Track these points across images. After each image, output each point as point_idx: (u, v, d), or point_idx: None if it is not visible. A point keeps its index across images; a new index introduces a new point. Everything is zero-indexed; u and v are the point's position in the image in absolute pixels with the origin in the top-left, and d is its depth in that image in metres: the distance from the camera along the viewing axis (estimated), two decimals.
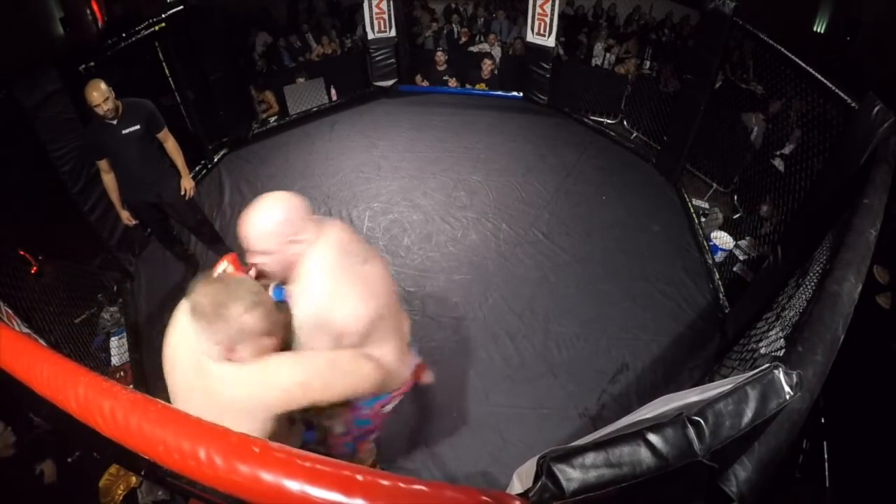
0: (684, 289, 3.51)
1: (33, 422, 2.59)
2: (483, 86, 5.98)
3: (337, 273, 1.38)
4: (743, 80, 5.90)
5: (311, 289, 1.37)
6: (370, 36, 5.56)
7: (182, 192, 3.15)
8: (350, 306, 1.37)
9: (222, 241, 3.59)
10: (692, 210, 4.22)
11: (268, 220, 1.38)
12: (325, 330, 1.36)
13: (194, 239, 3.67)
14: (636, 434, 0.81)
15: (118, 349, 3.14)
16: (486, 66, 5.89)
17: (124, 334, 3.21)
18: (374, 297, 1.43)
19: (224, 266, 1.53)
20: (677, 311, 3.35)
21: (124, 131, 2.83)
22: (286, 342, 1.37)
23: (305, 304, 1.37)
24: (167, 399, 1.23)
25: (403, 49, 5.85)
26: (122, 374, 3.02)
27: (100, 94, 2.68)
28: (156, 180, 3.05)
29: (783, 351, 1.54)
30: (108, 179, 2.95)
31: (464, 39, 6.57)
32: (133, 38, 3.72)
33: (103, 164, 2.90)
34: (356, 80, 5.85)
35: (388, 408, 1.76)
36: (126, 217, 3.10)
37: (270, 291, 1.54)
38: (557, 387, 2.85)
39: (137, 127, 2.87)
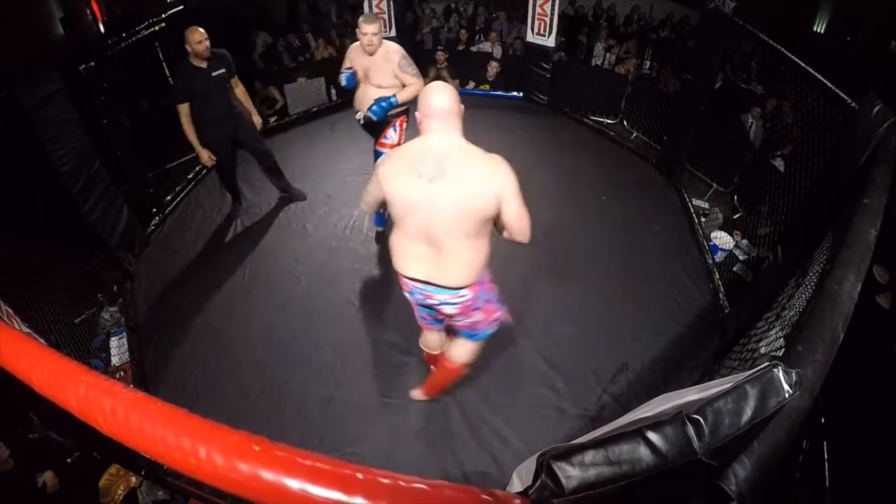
0: (684, 289, 3.51)
1: (29, 428, 2.60)
2: (486, 86, 5.99)
3: (403, 149, 1.85)
4: (743, 80, 5.91)
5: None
6: None
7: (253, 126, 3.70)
8: (387, 163, 1.84)
9: (282, 173, 4.08)
10: (692, 210, 4.22)
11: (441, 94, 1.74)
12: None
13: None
14: (636, 432, 0.81)
15: (118, 349, 3.14)
16: (492, 67, 5.91)
17: (124, 334, 3.21)
18: (398, 188, 1.77)
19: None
20: (677, 311, 3.35)
21: (213, 74, 3.32)
22: None
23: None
24: (167, 397, 1.23)
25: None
26: (122, 374, 3.02)
27: (201, 35, 3.22)
28: (234, 116, 3.53)
29: (783, 350, 1.54)
30: (188, 122, 3.35)
31: (463, 41, 6.57)
32: (133, 38, 3.72)
33: (185, 108, 3.31)
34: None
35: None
36: (207, 156, 3.51)
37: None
38: (557, 387, 2.85)
39: (223, 70, 3.38)
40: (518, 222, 1.81)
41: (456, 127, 1.76)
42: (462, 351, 2.24)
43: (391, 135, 3.17)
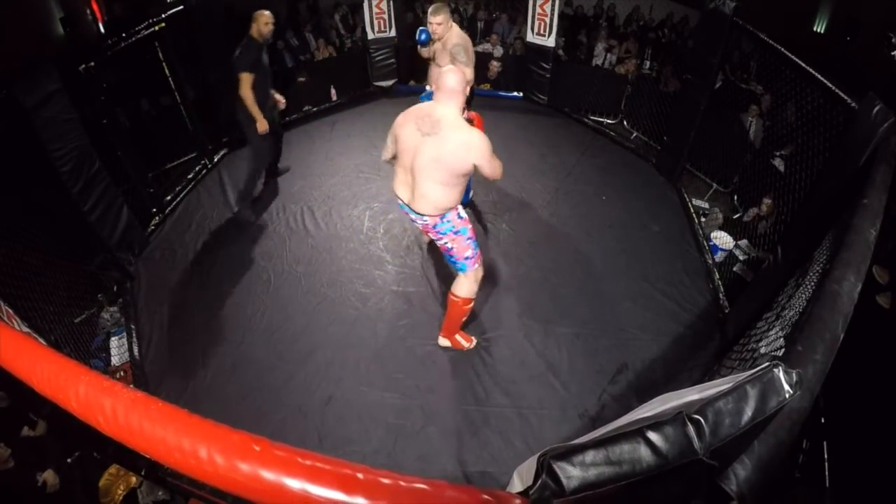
0: (684, 289, 3.51)
1: (29, 427, 2.60)
2: (487, 86, 5.99)
3: (416, 107, 2.39)
4: (743, 80, 5.91)
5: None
6: (370, 36, 5.57)
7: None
8: (402, 115, 2.40)
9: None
10: (692, 210, 4.22)
11: (451, 76, 2.28)
12: None
13: None
14: (636, 432, 0.81)
15: (118, 349, 3.14)
16: (493, 67, 5.92)
17: (124, 334, 3.21)
18: (403, 131, 2.35)
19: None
20: (677, 311, 3.35)
21: (265, 57, 3.62)
22: None
23: None
24: (167, 397, 1.23)
25: (404, 49, 5.86)
26: (122, 374, 3.02)
27: (269, 17, 3.56)
28: (273, 99, 3.89)
29: (783, 350, 1.54)
30: (249, 91, 3.54)
31: None
32: (133, 38, 3.72)
33: (249, 78, 3.51)
34: (356, 80, 5.86)
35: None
36: (265, 126, 3.69)
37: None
38: (557, 387, 2.85)
39: (267, 58, 3.69)
40: (490, 173, 2.36)
41: (456, 102, 2.29)
42: (457, 285, 2.74)
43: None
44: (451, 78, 2.24)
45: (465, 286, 2.71)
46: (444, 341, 3.01)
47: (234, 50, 3.58)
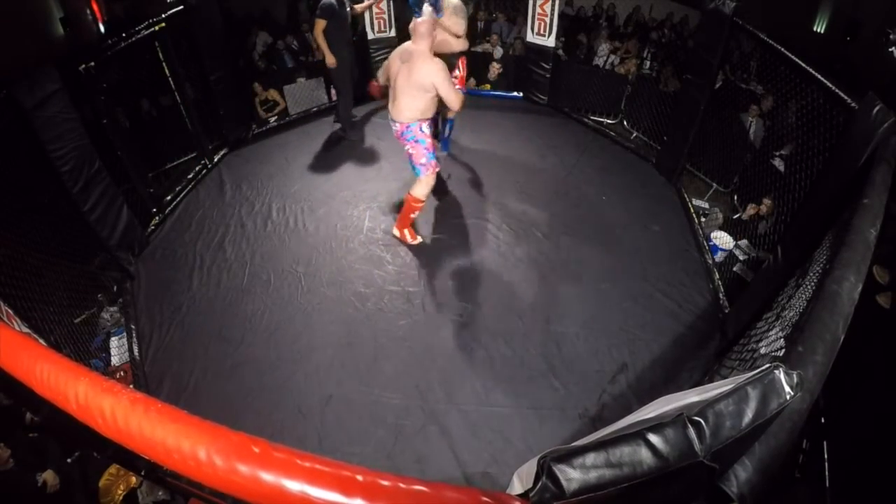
0: (684, 289, 3.50)
1: (28, 427, 2.60)
2: (488, 86, 5.99)
3: (403, 46, 3.25)
4: (743, 80, 5.90)
5: None
6: (370, 36, 5.56)
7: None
8: (394, 51, 3.31)
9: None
10: (692, 210, 4.22)
11: (423, 24, 3.09)
12: None
13: None
14: (637, 434, 0.81)
15: (118, 349, 3.14)
16: (494, 69, 5.92)
17: (124, 334, 3.21)
18: (391, 64, 3.25)
19: None
20: (677, 311, 3.35)
21: (343, 11, 4.42)
22: None
23: None
24: (167, 398, 1.23)
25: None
26: (122, 374, 3.02)
27: None
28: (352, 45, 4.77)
29: (783, 351, 1.54)
30: (321, 35, 4.32)
31: None
32: (133, 38, 3.71)
33: (322, 24, 4.28)
34: (356, 80, 5.84)
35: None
36: (333, 60, 4.46)
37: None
38: (557, 387, 2.85)
39: (348, 9, 4.50)
40: (447, 97, 3.13)
41: (426, 42, 3.08)
42: (414, 188, 3.50)
43: (456, 72, 4.11)
44: (423, 25, 3.06)
45: (419, 188, 3.48)
46: (396, 232, 3.76)
47: (232, 49, 3.63)
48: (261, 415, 2.72)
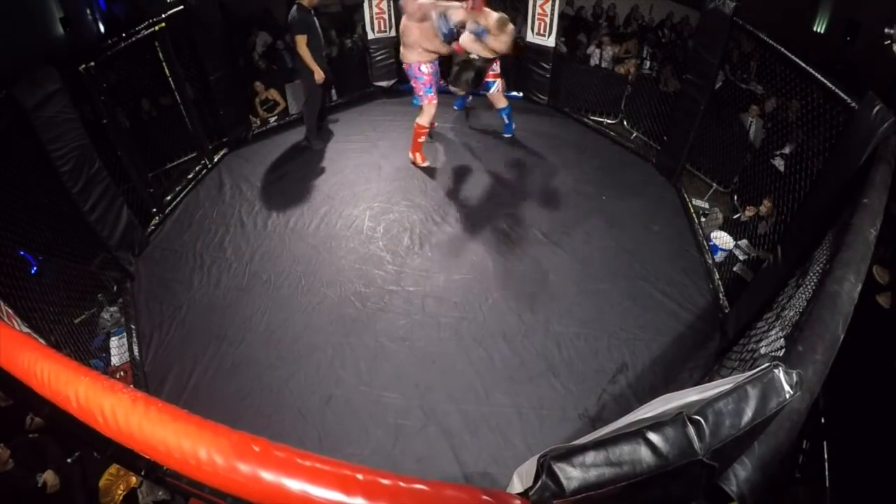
0: (684, 289, 3.51)
1: (27, 428, 2.60)
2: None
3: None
4: (743, 80, 5.90)
5: None
6: (370, 36, 5.56)
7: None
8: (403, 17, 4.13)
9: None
10: (692, 210, 4.21)
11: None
12: None
13: None
14: (636, 433, 0.81)
15: (118, 349, 3.14)
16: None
17: (124, 334, 3.21)
18: (404, 21, 4.09)
19: None
20: (677, 311, 3.34)
21: (316, 21, 4.32)
22: None
23: None
24: (167, 397, 1.24)
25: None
26: (122, 374, 3.02)
27: None
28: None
29: (783, 351, 1.54)
30: (306, 50, 4.23)
31: None
32: (133, 38, 3.71)
33: (304, 38, 4.19)
34: (356, 80, 5.85)
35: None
36: (322, 75, 4.35)
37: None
38: (557, 387, 2.85)
39: (317, 21, 4.37)
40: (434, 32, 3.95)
41: (416, 12, 3.89)
42: (419, 116, 4.32)
43: (495, 66, 4.48)
44: (410, 4, 3.91)
45: (422, 117, 4.29)
46: (409, 157, 4.54)
47: (232, 49, 3.61)
48: (261, 414, 2.72)
